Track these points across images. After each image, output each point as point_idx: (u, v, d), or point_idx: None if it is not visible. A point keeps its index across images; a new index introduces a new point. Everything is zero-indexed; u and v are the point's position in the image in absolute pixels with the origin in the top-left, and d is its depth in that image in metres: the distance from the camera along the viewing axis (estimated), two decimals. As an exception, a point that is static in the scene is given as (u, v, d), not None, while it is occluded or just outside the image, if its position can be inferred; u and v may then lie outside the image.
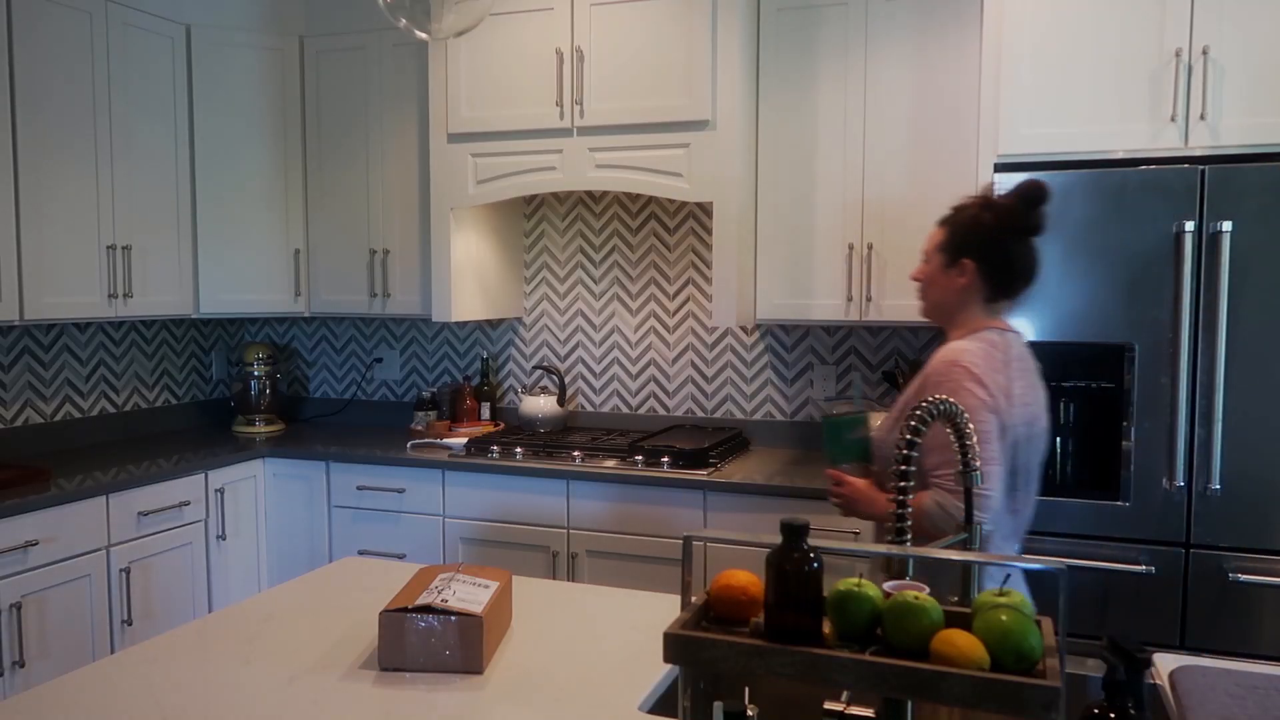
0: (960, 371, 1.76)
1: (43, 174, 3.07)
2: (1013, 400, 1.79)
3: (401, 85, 3.66)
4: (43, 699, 1.43)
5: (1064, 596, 1.08)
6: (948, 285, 1.93)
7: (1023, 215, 1.86)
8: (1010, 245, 1.87)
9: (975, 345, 1.82)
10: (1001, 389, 1.77)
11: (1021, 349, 1.89)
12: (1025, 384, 1.84)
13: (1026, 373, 1.86)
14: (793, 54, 3.18)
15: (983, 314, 1.91)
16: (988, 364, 1.78)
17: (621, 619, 1.79)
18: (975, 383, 1.75)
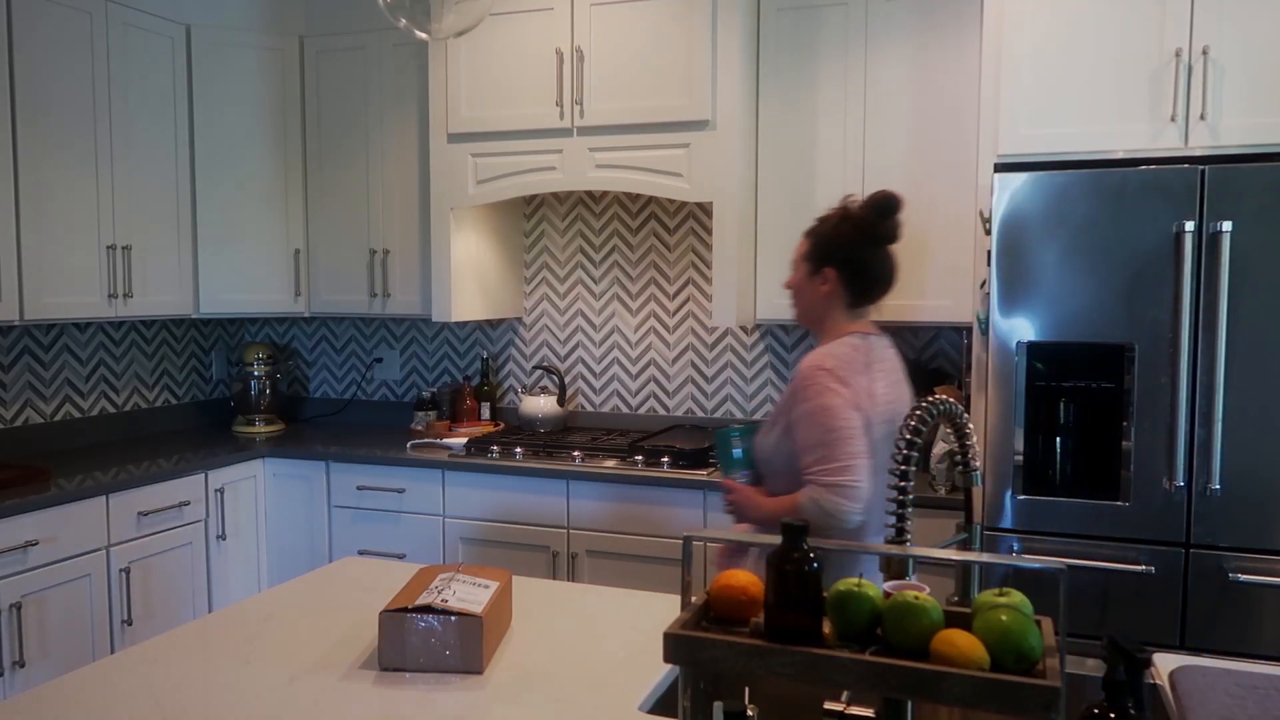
0: (825, 375, 1.87)
1: (43, 174, 3.07)
2: (875, 399, 1.90)
3: (401, 85, 3.66)
4: (43, 699, 1.43)
5: (1064, 596, 1.08)
6: (813, 293, 2.04)
7: (876, 226, 1.97)
8: (867, 254, 1.99)
9: (838, 349, 1.93)
10: (864, 389, 1.89)
11: (884, 351, 2.01)
12: (887, 384, 1.95)
13: (889, 373, 1.98)
14: (793, 54, 3.18)
15: (846, 319, 2.02)
16: (850, 366, 1.90)
17: (621, 619, 1.79)
18: (839, 384, 1.86)
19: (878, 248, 1.99)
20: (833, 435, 1.83)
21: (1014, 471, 2.54)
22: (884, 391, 1.93)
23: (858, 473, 1.82)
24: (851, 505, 1.81)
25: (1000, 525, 2.57)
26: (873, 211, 1.98)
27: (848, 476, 1.81)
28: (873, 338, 2.01)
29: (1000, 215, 2.52)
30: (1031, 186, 2.49)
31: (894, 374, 2.01)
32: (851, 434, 1.83)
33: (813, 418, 1.86)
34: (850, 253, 1.99)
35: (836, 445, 1.83)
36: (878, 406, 1.90)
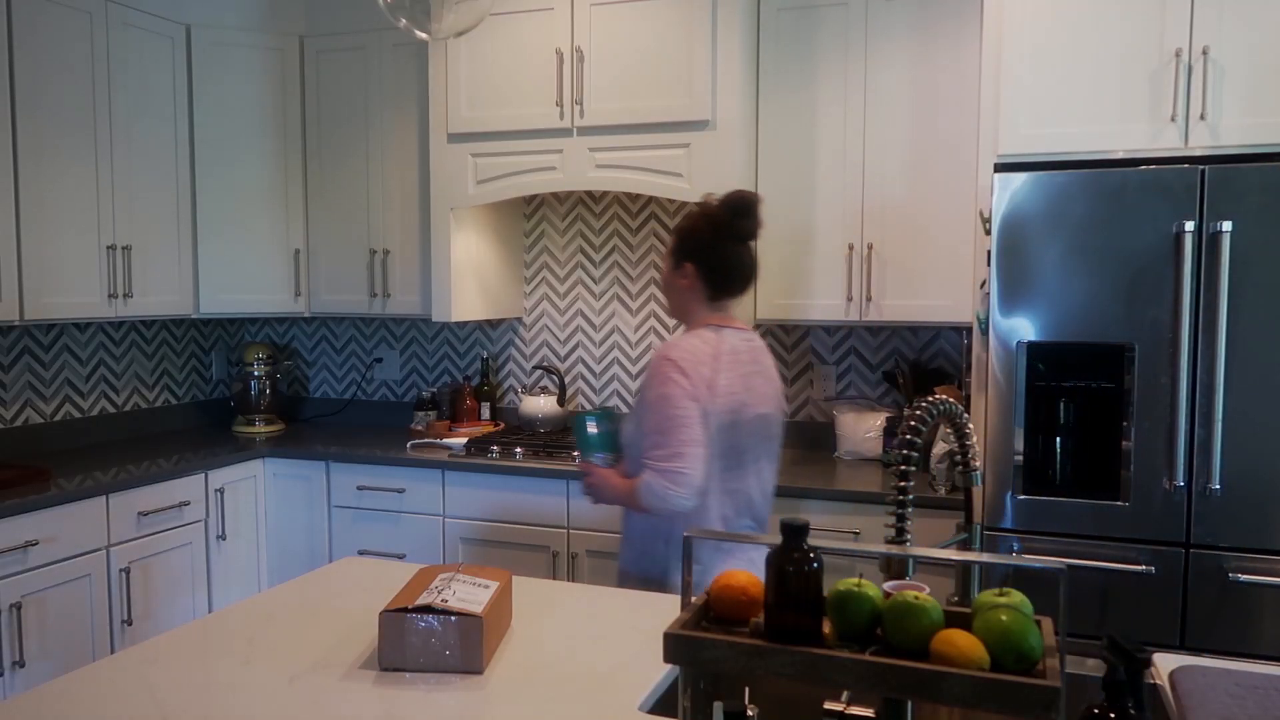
0: (668, 365, 1.97)
1: (43, 174, 3.07)
2: (716, 390, 1.98)
3: (401, 85, 3.66)
4: (43, 699, 1.43)
5: (1064, 596, 1.08)
6: (676, 286, 2.13)
7: (731, 223, 2.08)
8: (724, 250, 2.08)
9: (687, 341, 2.02)
10: (705, 380, 1.97)
11: (738, 344, 2.07)
12: (735, 375, 2.02)
13: (738, 365, 2.04)
14: (793, 54, 3.18)
15: (707, 312, 2.11)
16: (694, 358, 1.98)
17: (621, 619, 1.79)
18: (680, 374, 1.95)
19: (734, 244, 2.09)
20: (669, 423, 1.93)
21: (1014, 471, 2.54)
22: (727, 384, 2.00)
23: (689, 460, 1.91)
24: (680, 490, 1.91)
25: (1000, 525, 2.57)
26: (727, 210, 2.08)
27: (679, 463, 1.91)
28: (729, 331, 2.08)
29: (1000, 215, 2.52)
30: (1031, 186, 2.49)
31: (748, 368, 2.07)
32: (686, 422, 1.93)
33: (654, 406, 1.96)
34: (707, 249, 2.08)
35: (671, 433, 1.93)
36: (718, 398, 1.98)
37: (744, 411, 2.02)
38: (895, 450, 1.40)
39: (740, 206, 2.08)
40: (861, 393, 3.48)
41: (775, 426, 2.13)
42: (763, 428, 2.08)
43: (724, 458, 2.01)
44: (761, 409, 2.07)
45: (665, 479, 1.92)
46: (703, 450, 1.94)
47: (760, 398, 2.07)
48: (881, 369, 3.44)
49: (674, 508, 1.94)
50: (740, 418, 2.02)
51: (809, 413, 3.55)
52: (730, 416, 2.00)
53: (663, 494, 1.92)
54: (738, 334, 2.10)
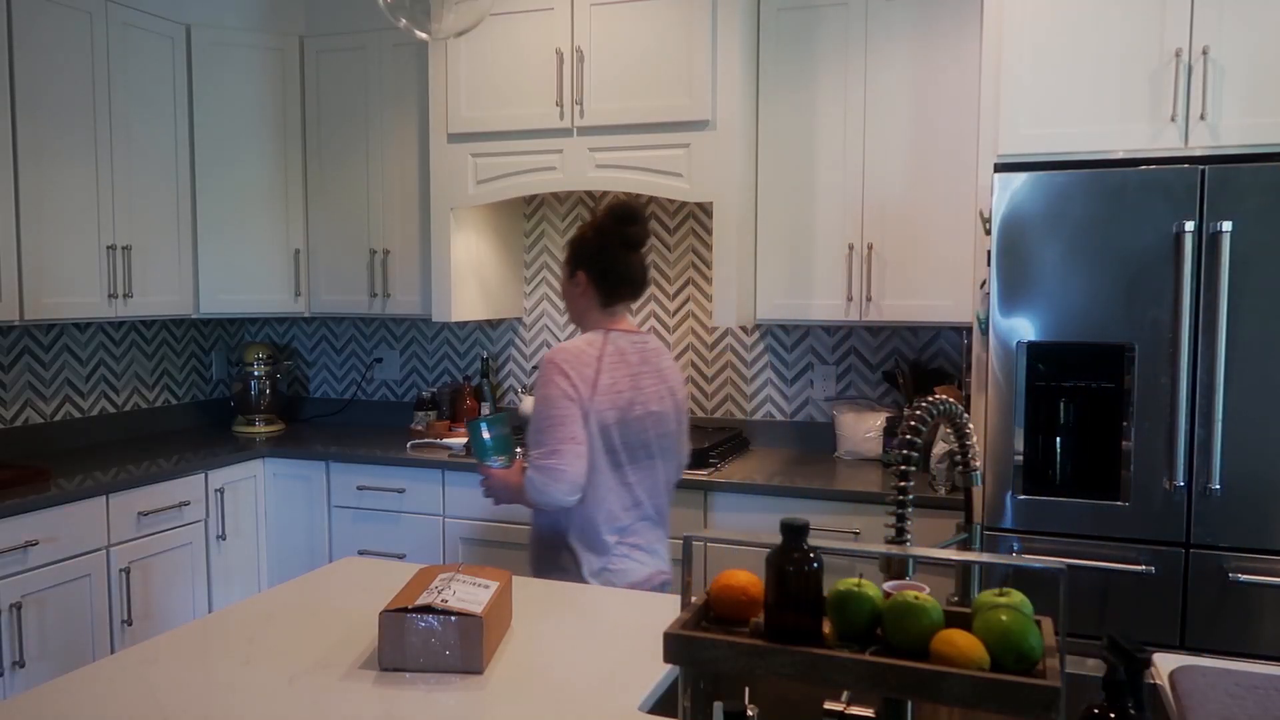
0: (552, 367, 2.06)
1: (43, 174, 3.07)
2: (597, 390, 2.06)
3: (401, 85, 3.66)
4: (43, 699, 1.43)
5: (1064, 596, 1.08)
6: (571, 294, 2.23)
7: (616, 232, 2.16)
8: (612, 257, 2.16)
9: (574, 344, 2.12)
10: (587, 380, 2.06)
11: (626, 345, 2.16)
12: (620, 375, 2.11)
13: (625, 366, 2.13)
14: (793, 54, 3.18)
15: (601, 317, 2.20)
16: (578, 359, 2.08)
17: (621, 619, 1.79)
18: (561, 376, 2.05)
19: (622, 251, 2.17)
20: (548, 422, 2.04)
21: (1014, 471, 2.54)
22: (611, 384, 2.09)
23: (566, 457, 2.02)
24: (558, 486, 2.01)
25: (1000, 525, 2.57)
26: (613, 219, 2.17)
27: (556, 460, 2.01)
28: (617, 333, 2.17)
29: (1000, 215, 2.52)
30: (1031, 186, 2.49)
31: (636, 368, 2.16)
32: (564, 421, 2.03)
33: (537, 406, 2.07)
34: (596, 257, 2.17)
35: (549, 431, 2.03)
36: (598, 396, 2.06)
37: (632, 410, 2.11)
38: (895, 450, 1.40)
39: (625, 215, 2.17)
40: (861, 393, 3.48)
41: (670, 424, 2.21)
42: (655, 425, 2.17)
43: (612, 454, 2.10)
44: (653, 407, 2.16)
45: (544, 475, 2.02)
46: (581, 448, 2.03)
47: (651, 396, 2.16)
48: (881, 369, 3.44)
49: (555, 502, 2.04)
50: (628, 415, 2.11)
51: (809, 413, 3.55)
52: (617, 414, 2.08)
53: (543, 488, 2.02)
54: (627, 336, 2.18)
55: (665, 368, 2.24)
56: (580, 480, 2.04)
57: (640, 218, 2.19)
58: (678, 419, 2.24)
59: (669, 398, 2.21)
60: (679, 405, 2.25)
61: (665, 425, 2.20)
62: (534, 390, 2.10)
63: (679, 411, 2.25)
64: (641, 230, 2.19)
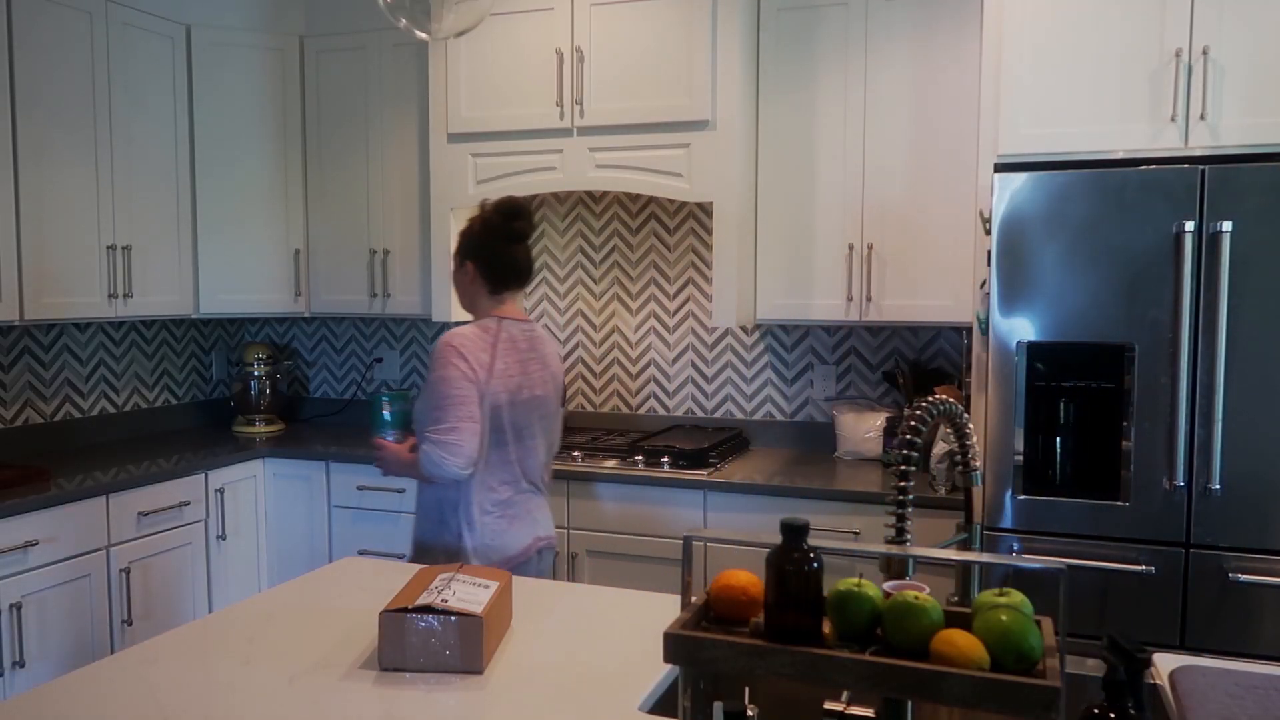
0: (449, 350, 2.19)
1: (43, 174, 3.07)
2: (492, 373, 2.22)
3: (401, 85, 3.66)
4: (43, 699, 1.43)
5: (1064, 596, 1.08)
6: (460, 283, 2.37)
7: (501, 226, 2.31)
8: (497, 249, 2.31)
9: (468, 329, 2.25)
10: (482, 364, 2.21)
11: (516, 333, 2.31)
12: (511, 361, 2.27)
13: (515, 352, 2.29)
14: (793, 54, 3.18)
15: (490, 305, 2.35)
16: (473, 344, 2.22)
17: (621, 619, 1.79)
18: (460, 358, 2.18)
19: (507, 244, 2.31)
20: (446, 401, 2.16)
21: (1014, 471, 2.54)
22: (504, 368, 2.24)
23: (463, 434, 2.15)
24: (454, 460, 2.14)
25: (1000, 525, 2.57)
26: (499, 214, 2.32)
27: (453, 436, 2.14)
28: (509, 321, 2.32)
29: (1000, 215, 2.52)
30: (1031, 186, 2.49)
31: (525, 354, 2.31)
32: (463, 401, 2.16)
33: (433, 386, 2.19)
34: (483, 248, 2.32)
35: (447, 409, 2.15)
36: (494, 380, 2.21)
37: (520, 393, 2.28)
38: (895, 450, 1.40)
39: (510, 210, 2.32)
40: (861, 393, 3.48)
41: (550, 406, 2.38)
42: (538, 407, 2.33)
43: (499, 433, 2.25)
44: (537, 391, 2.32)
45: (441, 450, 2.14)
46: (476, 425, 2.18)
47: (536, 381, 2.32)
48: (881, 369, 3.44)
49: (449, 475, 2.17)
50: (517, 398, 2.27)
51: (809, 413, 3.55)
52: (507, 396, 2.24)
53: (439, 462, 2.14)
54: (517, 324, 2.34)
55: (549, 354, 2.40)
56: (475, 456, 2.19)
57: (524, 212, 2.34)
58: (557, 401, 2.42)
59: (550, 383, 2.38)
60: (559, 389, 2.43)
61: (547, 408, 2.37)
62: (429, 372, 2.22)
63: (558, 395, 2.43)
64: (526, 224, 2.34)
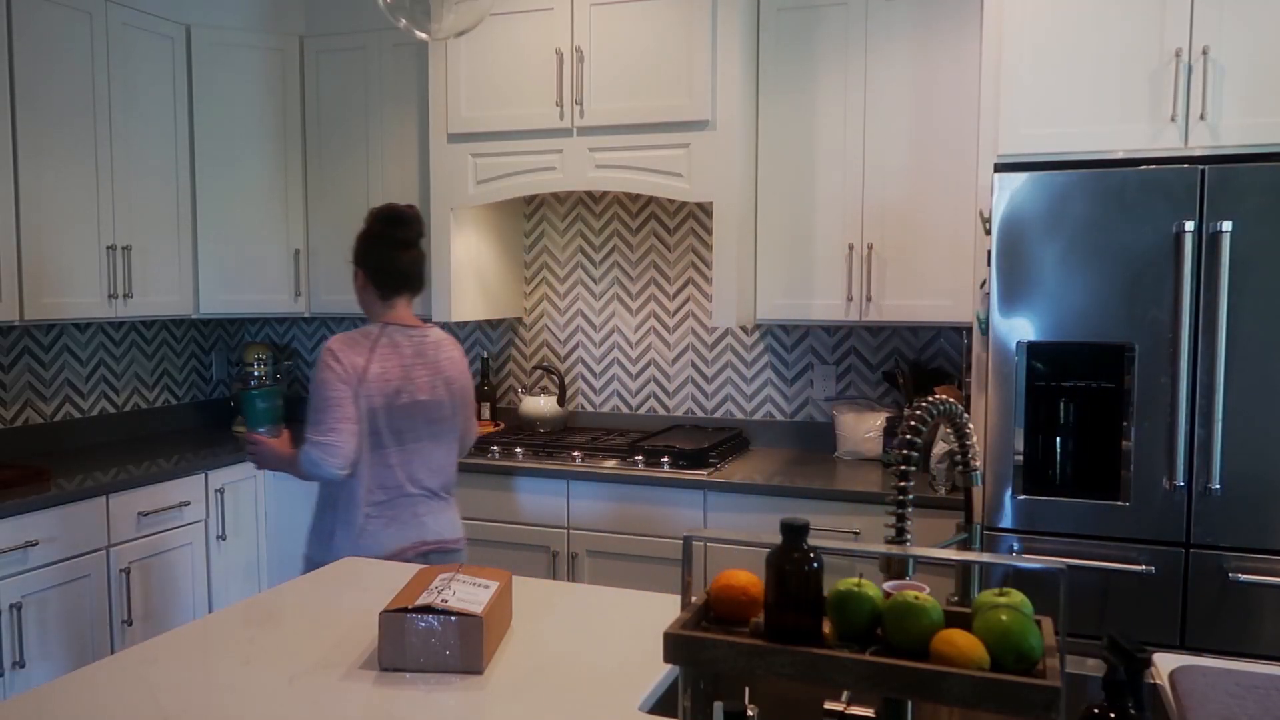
0: (327, 354, 2.27)
1: (43, 174, 3.07)
2: (366, 376, 2.28)
3: (401, 85, 3.66)
4: (43, 699, 1.43)
5: (1064, 596, 1.08)
6: (356, 289, 2.44)
7: (383, 234, 2.38)
8: (382, 256, 2.38)
9: (351, 334, 2.33)
10: (356, 367, 2.28)
11: (400, 338, 2.37)
12: (390, 365, 2.32)
13: (396, 356, 2.34)
14: (793, 54, 3.18)
15: (381, 310, 2.41)
16: (352, 348, 2.30)
17: (621, 619, 1.79)
18: (335, 362, 2.26)
19: (391, 250, 2.38)
20: (323, 403, 2.24)
21: (1014, 471, 2.55)
22: (380, 372, 2.30)
23: (340, 434, 2.23)
24: (332, 460, 2.23)
25: (1000, 525, 2.57)
26: (380, 221, 2.40)
27: (330, 437, 2.22)
28: (394, 327, 2.38)
29: (1000, 215, 2.52)
30: (1031, 186, 2.49)
31: (411, 359, 2.36)
32: (339, 403, 2.24)
33: (313, 389, 2.28)
34: (369, 256, 2.39)
35: (324, 411, 2.24)
36: (369, 383, 2.28)
37: (399, 397, 2.32)
38: (895, 450, 1.40)
39: (391, 217, 2.39)
40: (861, 393, 3.48)
41: (439, 411, 2.42)
42: (423, 412, 2.38)
43: (376, 435, 2.31)
44: (421, 396, 2.37)
45: (320, 450, 2.22)
46: (354, 426, 2.26)
47: (421, 386, 2.37)
48: (881, 369, 3.44)
49: (327, 475, 2.26)
50: (395, 402, 2.32)
51: (809, 413, 3.55)
52: (384, 400, 2.30)
53: (318, 461, 2.22)
54: (404, 329, 2.39)
55: (443, 359, 2.43)
56: (352, 456, 2.26)
57: (406, 219, 2.40)
58: (453, 406, 2.45)
59: (442, 387, 2.42)
60: (455, 393, 2.45)
61: (436, 412, 2.41)
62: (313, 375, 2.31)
63: (455, 399, 2.46)
64: (409, 231, 2.40)
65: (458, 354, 2.49)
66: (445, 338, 2.46)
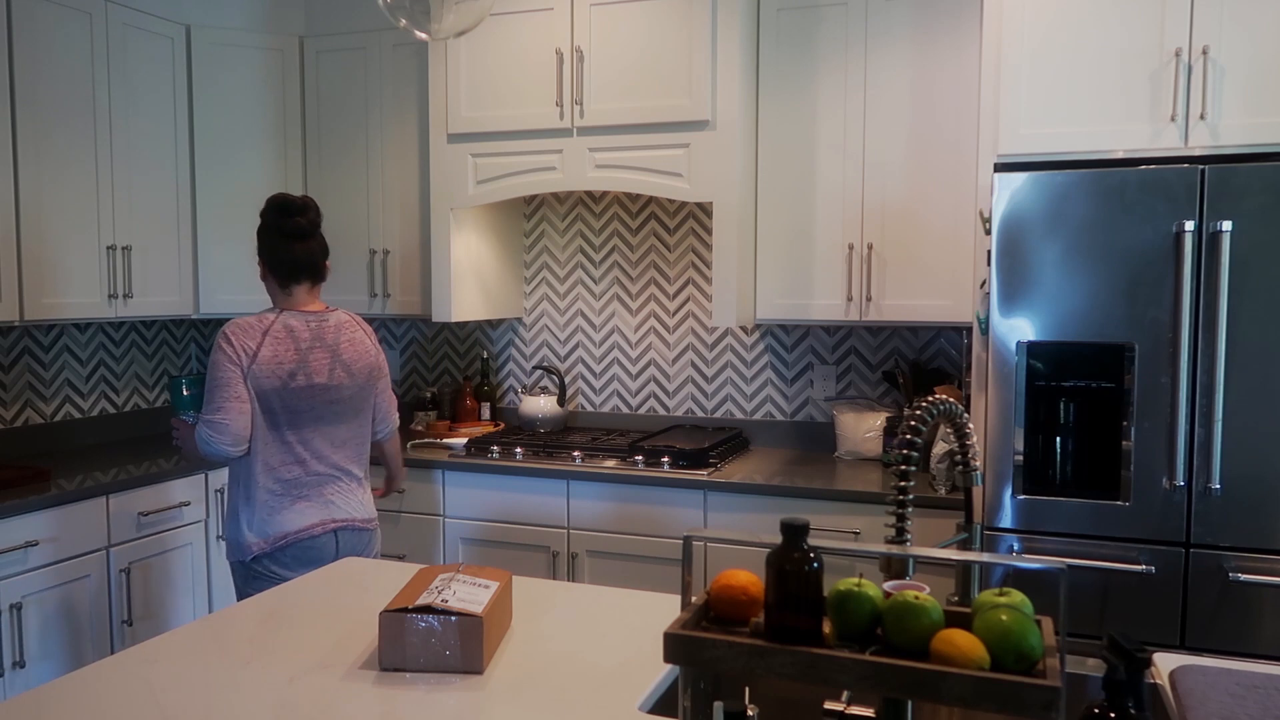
0: (221, 337, 2.35)
1: (43, 174, 3.07)
2: (258, 359, 2.34)
3: (401, 85, 3.66)
4: (43, 699, 1.43)
5: (1064, 596, 1.08)
6: (261, 277, 2.49)
7: (274, 223, 2.43)
8: (275, 246, 2.43)
9: (245, 319, 2.40)
10: (247, 350, 2.34)
11: (296, 323, 2.42)
12: (283, 349, 2.38)
13: (291, 341, 2.40)
14: (792, 54, 3.18)
15: (281, 298, 2.46)
16: (243, 332, 2.36)
17: (621, 619, 1.79)
18: (227, 344, 2.33)
19: (286, 240, 2.42)
20: (214, 384, 2.33)
21: (1014, 471, 2.55)
22: (271, 355, 2.36)
23: (229, 413, 2.30)
24: (221, 438, 2.29)
25: (1000, 525, 2.57)
26: (271, 213, 2.43)
27: (219, 416, 2.29)
28: (290, 313, 2.44)
29: (1000, 215, 2.52)
30: (1031, 186, 2.49)
31: (309, 344, 2.42)
32: (228, 383, 2.31)
33: (208, 370, 2.35)
34: (264, 246, 2.45)
35: (214, 391, 2.32)
36: (260, 365, 2.34)
37: (294, 380, 2.38)
38: (895, 450, 1.40)
39: (281, 205, 2.43)
40: (861, 393, 3.48)
41: (340, 393, 2.47)
42: (321, 394, 2.43)
43: (270, 415, 2.37)
44: (319, 379, 2.42)
45: (210, 429, 2.29)
46: (244, 405, 2.32)
47: (319, 370, 2.42)
48: (881, 369, 3.44)
49: (218, 453, 2.31)
50: (290, 385, 2.38)
51: (809, 413, 3.55)
52: (278, 383, 2.36)
53: (209, 439, 2.29)
54: (301, 315, 2.45)
55: (343, 342, 2.48)
56: (242, 435, 2.32)
57: (296, 207, 2.43)
58: (357, 387, 2.50)
59: (341, 370, 2.46)
60: (358, 374, 2.50)
61: (336, 394, 2.46)
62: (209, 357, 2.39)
63: (359, 380, 2.51)
64: (300, 221, 2.43)
65: (360, 335, 2.53)
66: (347, 320, 2.52)
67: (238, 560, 2.40)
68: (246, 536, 2.37)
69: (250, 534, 2.36)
